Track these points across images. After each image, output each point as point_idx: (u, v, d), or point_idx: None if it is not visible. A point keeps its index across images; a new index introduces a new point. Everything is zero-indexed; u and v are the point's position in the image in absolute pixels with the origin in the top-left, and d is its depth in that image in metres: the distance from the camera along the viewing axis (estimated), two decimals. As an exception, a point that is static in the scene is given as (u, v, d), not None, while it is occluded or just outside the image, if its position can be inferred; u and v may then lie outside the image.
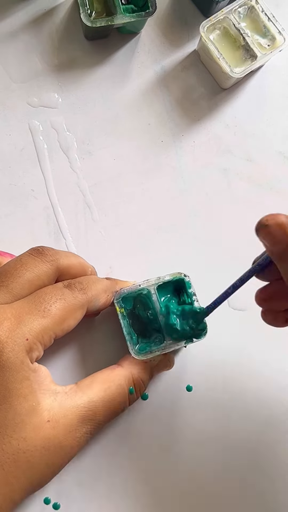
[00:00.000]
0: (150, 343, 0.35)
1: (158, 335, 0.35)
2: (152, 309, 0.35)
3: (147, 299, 0.35)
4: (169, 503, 0.36)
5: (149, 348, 0.34)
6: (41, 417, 0.30)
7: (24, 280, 0.32)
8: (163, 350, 0.34)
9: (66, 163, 0.40)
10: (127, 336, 0.34)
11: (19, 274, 0.32)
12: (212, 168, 0.41)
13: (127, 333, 0.34)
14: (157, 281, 0.35)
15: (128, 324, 0.34)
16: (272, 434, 0.38)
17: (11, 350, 0.29)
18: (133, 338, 0.34)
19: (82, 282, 0.33)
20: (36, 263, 0.32)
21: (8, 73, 0.41)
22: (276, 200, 0.42)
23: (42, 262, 0.32)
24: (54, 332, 0.31)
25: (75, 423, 0.31)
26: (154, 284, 0.35)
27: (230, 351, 0.39)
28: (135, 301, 0.35)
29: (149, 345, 0.35)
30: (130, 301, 0.35)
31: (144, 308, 0.35)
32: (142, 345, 0.35)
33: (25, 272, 0.32)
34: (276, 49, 0.40)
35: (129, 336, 0.34)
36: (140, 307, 0.35)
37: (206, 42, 0.39)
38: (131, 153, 0.41)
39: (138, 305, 0.36)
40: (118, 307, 0.35)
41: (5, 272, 0.32)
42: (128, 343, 0.34)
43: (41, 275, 0.32)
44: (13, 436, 0.29)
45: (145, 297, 0.35)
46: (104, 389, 0.32)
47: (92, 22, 0.38)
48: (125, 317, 0.35)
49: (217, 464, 0.37)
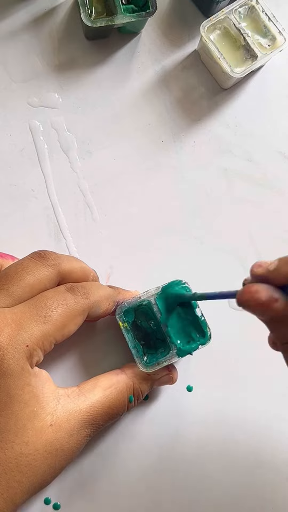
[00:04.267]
0: (157, 355, 0.34)
1: (162, 344, 0.35)
2: (154, 319, 0.35)
3: (148, 310, 0.35)
4: (169, 503, 0.36)
5: (156, 360, 0.34)
6: (44, 422, 0.30)
7: (25, 284, 0.31)
8: (170, 360, 0.34)
9: (67, 163, 0.40)
10: (133, 350, 0.34)
11: (20, 277, 0.31)
12: (212, 168, 0.41)
13: (132, 347, 0.34)
14: (157, 291, 0.35)
15: (133, 338, 0.34)
16: (273, 433, 0.38)
17: (11, 357, 0.29)
18: (139, 351, 0.34)
19: (85, 287, 0.33)
20: (38, 267, 0.32)
21: (8, 73, 0.41)
22: (276, 200, 0.42)
23: (43, 266, 0.32)
24: (55, 338, 0.31)
25: (77, 427, 0.31)
26: (154, 294, 0.35)
27: (230, 351, 0.39)
28: (136, 312, 0.35)
29: (155, 357, 0.34)
30: (131, 313, 0.35)
31: (146, 319, 0.35)
32: (148, 356, 0.34)
33: (26, 276, 0.32)
34: (276, 49, 0.40)
35: (135, 350, 0.34)
36: (142, 318, 0.35)
37: (206, 42, 0.39)
38: (131, 153, 0.41)
39: (140, 316, 0.35)
40: (120, 322, 0.34)
41: (6, 276, 0.32)
42: (135, 357, 0.34)
43: (43, 279, 0.32)
44: (15, 441, 0.29)
45: (146, 308, 0.35)
46: (106, 395, 0.32)
47: (93, 22, 0.38)
48: (128, 331, 0.34)
49: (217, 464, 0.37)
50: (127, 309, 0.35)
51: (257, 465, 0.37)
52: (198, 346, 0.34)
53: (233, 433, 0.37)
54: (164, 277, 0.36)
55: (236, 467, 0.37)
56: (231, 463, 0.37)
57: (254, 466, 0.37)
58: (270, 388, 0.38)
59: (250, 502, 0.37)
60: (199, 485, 0.36)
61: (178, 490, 0.36)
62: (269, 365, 0.38)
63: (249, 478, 0.37)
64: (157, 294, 0.34)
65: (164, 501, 0.36)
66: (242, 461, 0.37)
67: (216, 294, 0.30)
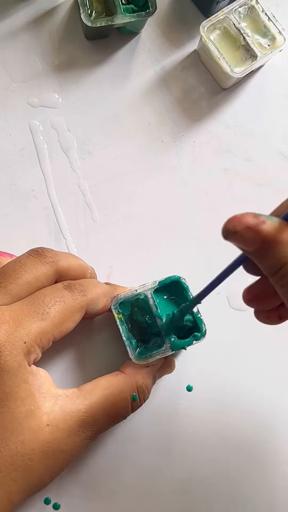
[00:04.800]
0: (150, 347, 0.35)
1: (157, 339, 0.35)
2: (150, 314, 0.35)
3: (144, 304, 0.35)
4: (169, 503, 0.36)
5: (149, 352, 0.34)
6: (40, 421, 0.29)
7: (23, 282, 0.31)
8: (163, 353, 0.34)
9: (67, 163, 0.40)
10: (127, 341, 0.34)
11: (18, 275, 0.32)
12: (212, 168, 0.41)
13: (126, 338, 0.34)
14: (154, 285, 0.35)
15: (127, 330, 0.34)
16: (273, 433, 0.38)
17: (9, 353, 0.29)
18: (133, 343, 0.34)
19: (83, 284, 0.33)
20: (35, 265, 0.32)
21: (8, 73, 0.41)
22: (276, 200, 0.41)
23: (41, 263, 0.32)
24: (53, 335, 0.31)
25: (75, 428, 0.30)
26: (150, 288, 0.35)
27: (230, 351, 0.39)
28: (132, 306, 0.35)
29: (148, 349, 0.34)
30: (127, 306, 0.35)
31: (141, 313, 0.35)
32: (141, 349, 0.35)
33: (24, 274, 0.32)
34: (276, 49, 0.40)
35: (128, 341, 0.34)
36: (138, 312, 0.35)
37: (206, 42, 0.39)
38: (131, 153, 0.41)
39: (136, 310, 0.35)
40: (115, 313, 0.34)
41: (4, 273, 0.32)
42: (127, 348, 0.34)
43: (40, 277, 0.32)
44: (11, 439, 0.29)
45: (142, 302, 0.35)
46: (106, 395, 0.32)
47: (92, 22, 0.38)
48: (123, 322, 0.34)
49: (217, 464, 0.37)
50: (123, 301, 0.35)
51: (257, 465, 0.37)
52: (192, 341, 0.34)
53: (233, 433, 0.37)
54: (163, 277, 0.36)
55: (236, 467, 0.37)
56: (231, 463, 0.37)
57: (255, 466, 0.37)
58: (270, 388, 0.38)
59: (250, 502, 0.36)
60: (199, 485, 0.36)
61: (178, 490, 0.36)
62: (269, 365, 0.39)
63: (249, 478, 0.37)
64: (154, 288, 0.35)
65: (164, 501, 0.36)
66: (242, 461, 0.37)
67: (204, 289, 0.29)
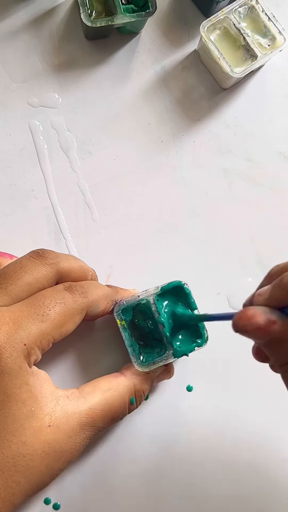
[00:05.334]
0: (153, 354, 0.34)
1: (159, 344, 0.35)
2: (152, 319, 0.35)
3: (146, 309, 0.35)
4: (169, 503, 0.36)
5: (152, 359, 0.34)
6: (42, 422, 0.30)
7: (23, 283, 0.31)
8: (166, 360, 0.34)
9: (66, 163, 0.40)
10: (129, 348, 0.34)
11: (18, 276, 0.31)
12: (212, 168, 0.41)
13: (129, 345, 0.34)
14: (156, 291, 0.35)
15: (130, 337, 0.34)
16: (273, 433, 0.38)
17: (9, 355, 0.29)
18: (135, 350, 0.34)
19: (84, 286, 0.33)
20: (36, 266, 0.32)
21: (8, 73, 0.41)
22: (276, 200, 0.42)
23: (42, 265, 0.32)
24: (53, 337, 0.31)
25: (76, 429, 0.31)
26: (153, 294, 0.35)
27: (230, 351, 0.39)
28: (134, 311, 0.35)
29: (151, 356, 0.34)
30: (129, 311, 0.35)
31: (143, 318, 0.35)
32: (145, 356, 0.34)
33: (24, 275, 0.32)
34: (276, 49, 0.40)
35: (131, 348, 0.34)
36: (140, 317, 0.35)
37: (206, 42, 0.39)
38: (131, 153, 0.41)
39: (138, 315, 0.35)
40: (118, 320, 0.34)
41: (4, 275, 0.32)
42: (130, 356, 0.34)
43: (41, 278, 0.32)
44: (13, 440, 0.29)
45: (144, 307, 0.35)
46: (106, 397, 0.32)
47: (92, 22, 0.38)
48: (126, 329, 0.34)
49: (217, 464, 0.37)
50: (125, 307, 0.35)
51: (257, 465, 0.37)
52: (194, 347, 0.34)
53: (233, 433, 0.37)
54: (164, 277, 0.36)
55: (236, 467, 0.37)
56: (231, 462, 0.37)
57: (255, 465, 0.37)
58: (270, 388, 0.38)
59: (250, 502, 0.36)
60: (199, 485, 0.36)
61: (178, 490, 0.36)
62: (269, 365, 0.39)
63: (249, 477, 0.37)
64: (156, 293, 0.34)
65: (164, 501, 0.36)
66: (242, 461, 0.37)
67: (216, 315, 0.30)
